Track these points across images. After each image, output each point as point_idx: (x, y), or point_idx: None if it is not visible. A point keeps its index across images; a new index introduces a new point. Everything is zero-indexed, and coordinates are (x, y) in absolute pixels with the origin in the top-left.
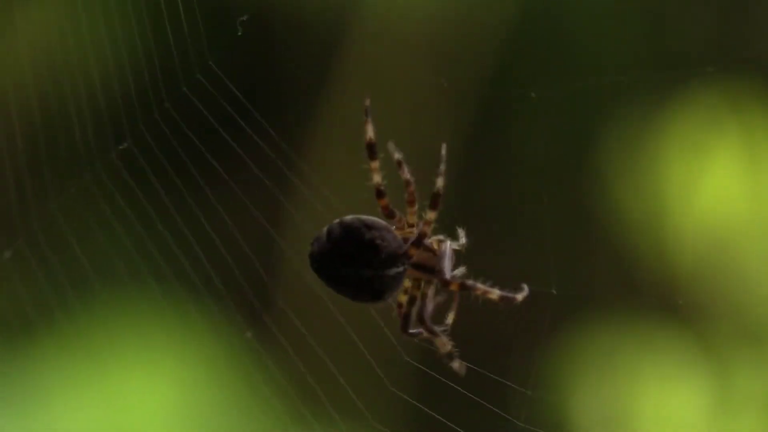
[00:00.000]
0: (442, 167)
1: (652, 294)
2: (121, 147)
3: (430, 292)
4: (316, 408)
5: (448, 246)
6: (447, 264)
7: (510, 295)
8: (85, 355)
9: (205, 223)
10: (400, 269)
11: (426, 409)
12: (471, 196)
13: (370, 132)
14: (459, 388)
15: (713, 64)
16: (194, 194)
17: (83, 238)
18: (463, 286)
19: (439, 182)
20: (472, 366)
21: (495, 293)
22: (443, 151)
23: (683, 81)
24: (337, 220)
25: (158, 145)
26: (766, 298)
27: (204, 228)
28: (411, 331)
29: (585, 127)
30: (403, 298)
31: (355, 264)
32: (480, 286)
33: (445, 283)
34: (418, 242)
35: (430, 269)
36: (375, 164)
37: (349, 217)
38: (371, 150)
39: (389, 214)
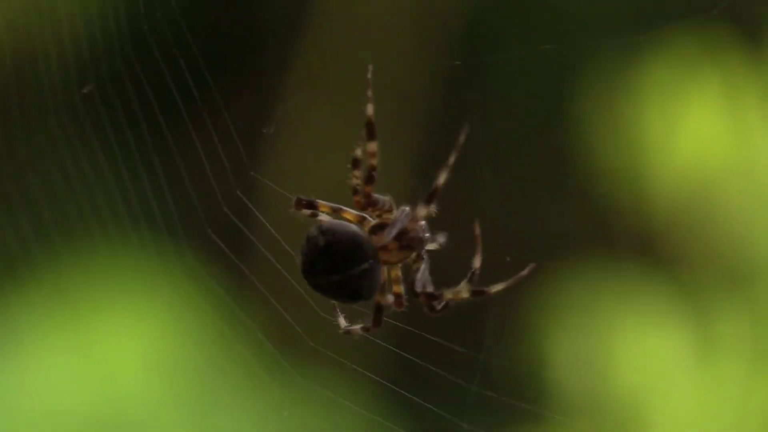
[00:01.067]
0: (369, 94)
1: (630, 241)
2: (84, 91)
3: (421, 265)
4: (296, 357)
5: (404, 211)
6: (398, 225)
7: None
8: (58, 304)
9: (180, 165)
10: (365, 266)
11: (407, 355)
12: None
13: (370, 110)
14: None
15: (690, 14)
16: (164, 140)
17: (53, 184)
18: (399, 235)
19: (369, 110)
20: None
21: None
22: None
23: (661, 30)
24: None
25: (134, 86)
26: (744, 243)
27: (179, 172)
28: (438, 308)
29: (563, 76)
30: (399, 288)
31: (323, 272)
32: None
33: (409, 245)
34: (375, 228)
35: (404, 246)
36: (373, 146)
37: (312, 228)
38: (370, 130)
39: (371, 203)
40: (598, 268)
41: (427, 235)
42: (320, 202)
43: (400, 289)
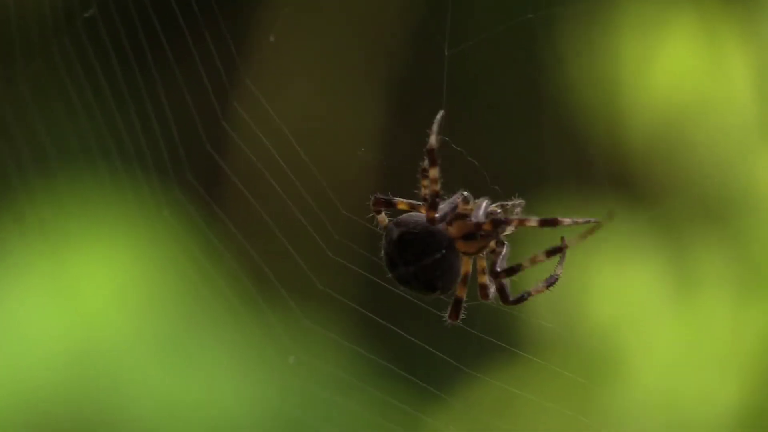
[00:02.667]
0: (435, 127)
1: (606, 175)
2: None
3: (500, 250)
4: (268, 290)
5: (481, 203)
6: (478, 215)
7: (549, 218)
8: (35, 236)
9: (164, 100)
10: (438, 255)
11: (378, 281)
12: (427, 77)
13: (433, 140)
14: None
15: None
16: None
17: (45, 112)
18: (496, 224)
19: (432, 139)
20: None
21: (533, 220)
22: (438, 117)
23: None
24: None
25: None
26: (721, 176)
27: (162, 105)
28: (512, 300)
29: (539, 6)
30: (484, 278)
31: (401, 263)
32: (515, 218)
33: (487, 234)
34: (450, 219)
35: (473, 233)
36: (434, 172)
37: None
38: (431, 157)
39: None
40: (574, 201)
41: (502, 222)
42: (398, 199)
43: (485, 279)
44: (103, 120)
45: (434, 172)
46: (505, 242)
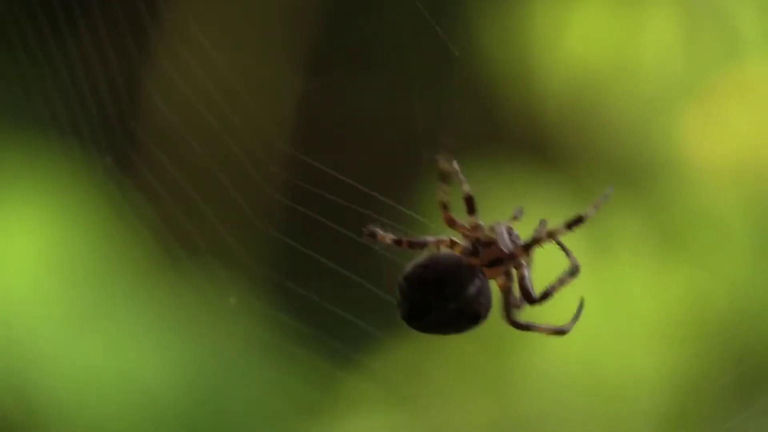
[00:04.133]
0: (462, 176)
1: (520, 139)
2: None
3: (523, 272)
4: (190, 247)
5: (501, 227)
6: (505, 241)
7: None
8: None
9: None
10: (477, 283)
11: (294, 244)
12: (342, 43)
13: (465, 187)
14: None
15: None
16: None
17: None
18: (527, 248)
19: (465, 187)
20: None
21: (562, 230)
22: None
23: None
24: (399, 277)
25: None
26: (634, 140)
27: (74, 67)
28: (518, 321)
29: None
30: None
31: (438, 305)
32: (544, 233)
33: (514, 258)
34: (474, 249)
35: (500, 259)
36: (474, 219)
37: (407, 268)
38: (470, 205)
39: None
40: (488, 165)
41: (518, 242)
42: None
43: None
44: (13, 83)
45: (473, 219)
46: (524, 264)
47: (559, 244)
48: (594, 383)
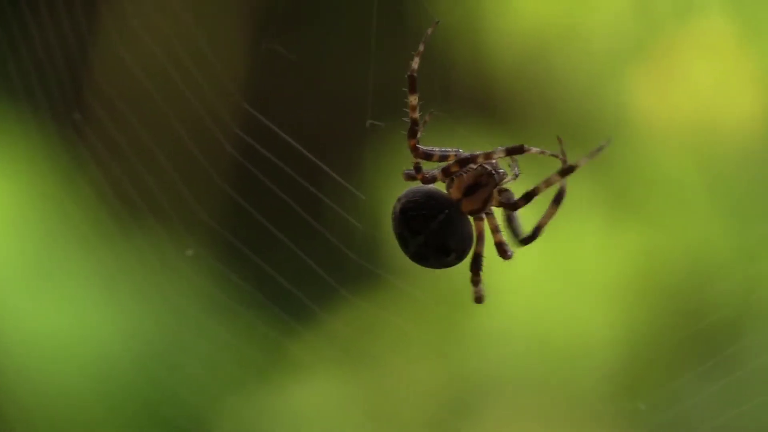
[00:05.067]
0: (421, 47)
1: (470, 102)
2: None
3: (505, 196)
4: (139, 214)
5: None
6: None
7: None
8: None
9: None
10: (442, 216)
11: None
12: (293, 6)
13: (415, 64)
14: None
15: None
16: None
17: None
18: (460, 161)
19: (414, 64)
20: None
21: (499, 151)
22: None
23: None
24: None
25: None
26: (586, 99)
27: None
28: (527, 237)
29: None
30: (499, 237)
31: (411, 238)
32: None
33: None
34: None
35: (476, 184)
36: (413, 99)
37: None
38: (411, 83)
39: (423, 155)
40: (439, 125)
41: (499, 170)
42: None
43: (501, 237)
44: None
45: (413, 99)
46: (508, 189)
47: (570, 170)
48: (544, 343)
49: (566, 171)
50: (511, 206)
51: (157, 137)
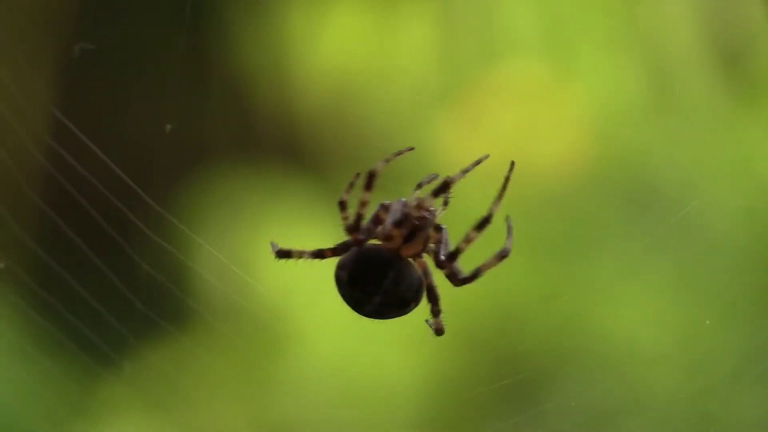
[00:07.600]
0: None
1: (275, 144)
2: None
3: (440, 236)
4: None
5: (394, 203)
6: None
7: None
8: None
9: None
10: (392, 273)
11: (57, 219)
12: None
13: (380, 166)
14: None
15: None
16: None
17: None
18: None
19: (380, 165)
20: None
21: (429, 198)
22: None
23: None
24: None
25: None
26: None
27: None
28: (464, 277)
29: None
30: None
31: (366, 299)
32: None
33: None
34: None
35: (415, 228)
36: (367, 196)
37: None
38: (370, 181)
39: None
40: (246, 168)
41: (431, 209)
42: (300, 249)
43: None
44: None
45: (367, 196)
46: (443, 227)
47: (486, 223)
48: (351, 389)
49: (482, 224)
50: (438, 261)
51: None
